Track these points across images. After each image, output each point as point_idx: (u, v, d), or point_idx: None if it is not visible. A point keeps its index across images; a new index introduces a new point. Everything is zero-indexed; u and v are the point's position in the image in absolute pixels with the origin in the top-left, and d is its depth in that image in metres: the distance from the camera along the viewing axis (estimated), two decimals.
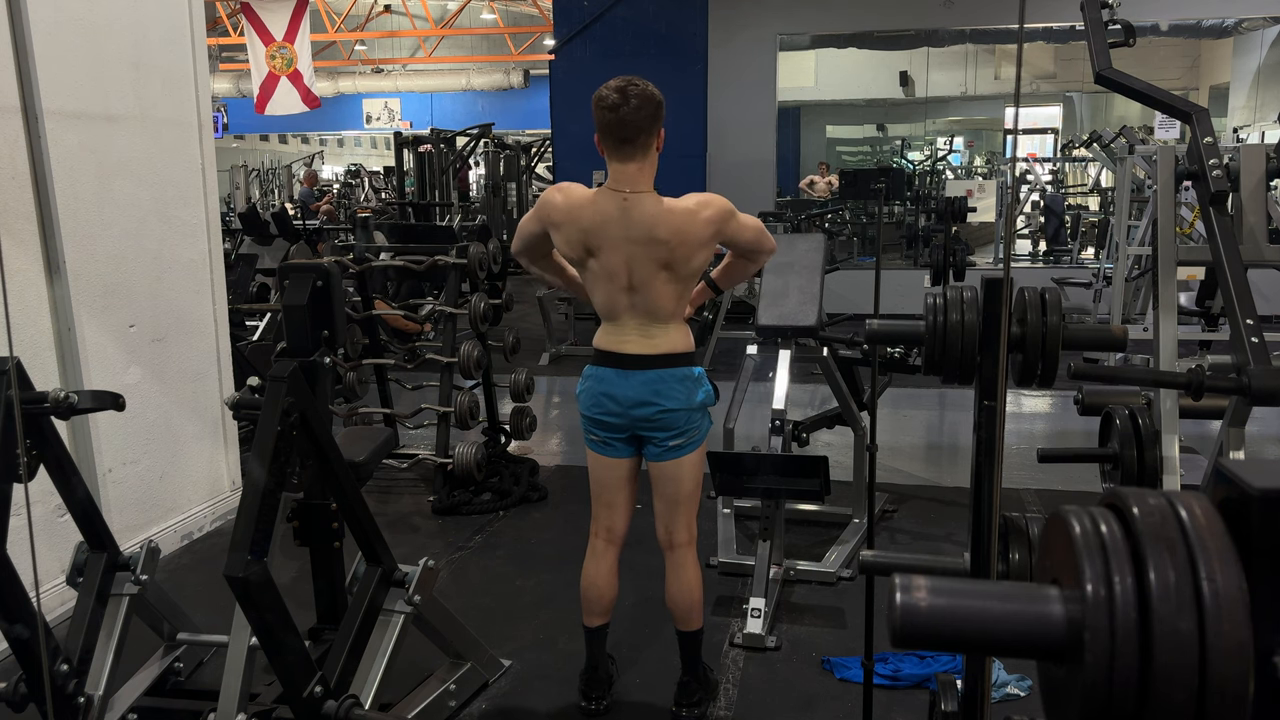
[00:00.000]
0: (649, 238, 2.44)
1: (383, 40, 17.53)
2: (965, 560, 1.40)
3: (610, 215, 2.46)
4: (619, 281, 2.51)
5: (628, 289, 2.51)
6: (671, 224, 2.44)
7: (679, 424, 2.59)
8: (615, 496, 2.72)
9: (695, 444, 2.63)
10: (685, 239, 2.45)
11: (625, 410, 2.57)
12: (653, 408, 2.55)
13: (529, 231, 2.65)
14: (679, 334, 2.59)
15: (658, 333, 2.56)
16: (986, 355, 1.30)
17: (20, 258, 3.26)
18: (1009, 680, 2.87)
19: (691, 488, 2.67)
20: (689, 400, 2.57)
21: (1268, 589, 0.52)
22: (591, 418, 2.64)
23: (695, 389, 2.59)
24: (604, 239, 2.48)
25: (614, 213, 2.45)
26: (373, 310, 4.98)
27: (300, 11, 11.88)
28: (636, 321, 2.56)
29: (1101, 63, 2.51)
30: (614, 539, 2.76)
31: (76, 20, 3.45)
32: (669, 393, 2.55)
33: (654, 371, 2.55)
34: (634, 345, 2.56)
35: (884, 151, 16.42)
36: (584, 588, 2.77)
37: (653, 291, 2.51)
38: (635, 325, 2.56)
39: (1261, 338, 2.09)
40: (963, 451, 5.43)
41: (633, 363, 2.56)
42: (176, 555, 3.90)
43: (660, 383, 2.55)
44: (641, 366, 2.55)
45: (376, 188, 19.12)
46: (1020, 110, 15.32)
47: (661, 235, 2.44)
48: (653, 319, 2.55)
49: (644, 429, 2.60)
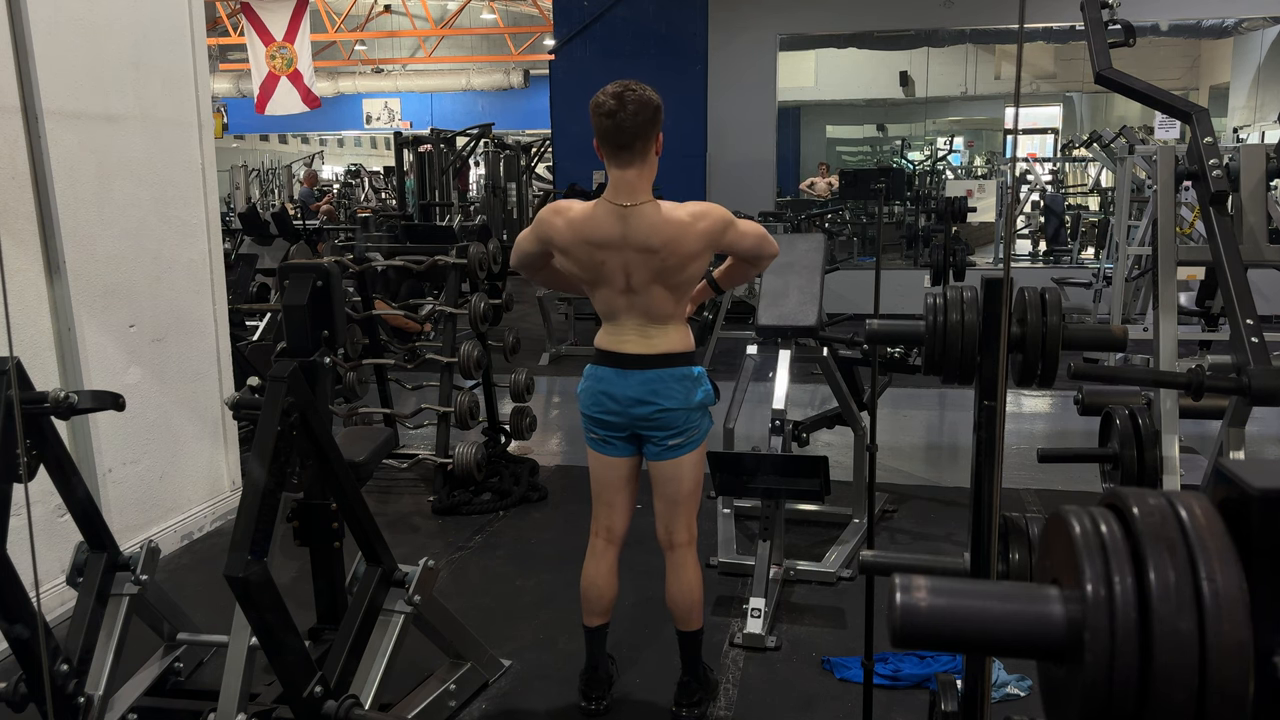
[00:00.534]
0: (645, 246, 2.45)
1: (383, 40, 17.54)
2: (965, 560, 1.40)
3: (611, 229, 2.47)
4: (617, 285, 2.52)
5: (626, 291, 2.52)
6: (665, 234, 2.44)
7: (678, 423, 2.59)
8: (615, 496, 2.72)
9: (694, 444, 2.63)
10: (677, 249, 2.45)
11: (624, 409, 2.58)
12: (651, 407, 2.55)
13: (527, 251, 2.66)
14: (678, 334, 2.59)
15: (656, 333, 2.56)
16: (986, 355, 1.30)
17: (20, 258, 3.26)
18: (1009, 680, 2.87)
19: (691, 487, 2.67)
20: (687, 400, 2.57)
21: (1268, 589, 0.52)
22: (591, 416, 2.64)
23: (694, 388, 2.59)
24: (606, 251, 2.50)
25: (614, 225, 2.47)
26: (373, 310, 4.98)
27: (300, 11, 11.88)
28: (635, 322, 2.56)
29: (1101, 63, 2.51)
30: (614, 538, 2.76)
31: (76, 20, 3.45)
32: (667, 392, 2.55)
33: (652, 371, 2.55)
34: (633, 345, 2.56)
35: (884, 151, 16.42)
36: (584, 587, 2.77)
37: (650, 295, 2.51)
38: (634, 326, 2.56)
39: (1261, 338, 2.09)
40: (963, 451, 5.42)
41: (631, 362, 2.56)
42: (176, 555, 3.90)
43: (658, 382, 2.55)
44: (640, 366, 2.56)
45: (376, 188, 19.14)
46: (1020, 110, 15.33)
47: (655, 244, 2.44)
48: (651, 320, 2.55)
49: (643, 428, 2.60)
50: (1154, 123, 10.31)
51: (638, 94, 2.41)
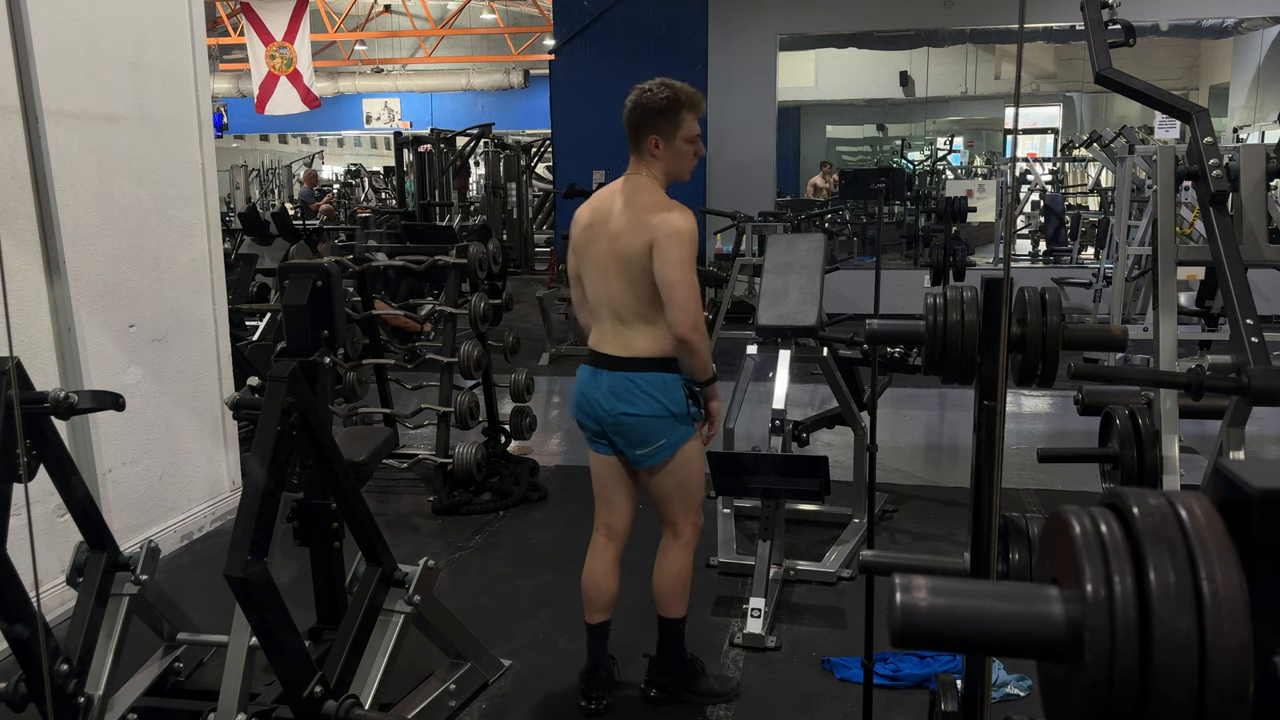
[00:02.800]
0: (612, 228, 2.50)
1: (383, 40, 17.52)
2: (965, 560, 1.40)
3: (600, 204, 2.56)
4: (597, 271, 2.56)
5: (604, 279, 2.55)
6: (626, 218, 2.48)
7: (644, 431, 2.51)
8: (612, 493, 2.72)
9: (663, 454, 2.54)
10: (631, 238, 2.46)
11: (594, 410, 2.56)
12: (615, 411, 2.52)
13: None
14: (652, 338, 2.50)
15: (629, 334, 2.52)
16: (986, 355, 1.30)
17: (20, 258, 3.26)
18: (1009, 680, 2.87)
19: (669, 493, 2.62)
20: (654, 408, 2.49)
21: (1268, 589, 0.52)
22: (576, 415, 2.66)
23: (666, 397, 2.50)
24: (591, 230, 2.56)
25: (604, 202, 2.55)
26: (373, 310, 4.98)
27: (300, 11, 11.88)
28: (611, 319, 2.55)
29: (1101, 63, 2.51)
30: (614, 535, 2.76)
31: (76, 20, 3.45)
32: (631, 397, 2.49)
33: (620, 374, 2.51)
34: (609, 345, 2.56)
35: (884, 151, 16.42)
36: (584, 584, 2.77)
37: (620, 287, 2.51)
38: (610, 323, 2.56)
39: (1261, 338, 2.09)
40: (963, 451, 5.42)
41: (605, 362, 2.55)
42: (176, 555, 3.90)
43: (623, 385, 2.50)
44: (611, 367, 2.54)
45: (376, 188, 19.13)
46: (1020, 110, 15.32)
47: (616, 228, 2.49)
48: (621, 319, 2.53)
49: (611, 431, 2.57)
50: (1154, 123, 10.31)
51: (642, 92, 2.52)
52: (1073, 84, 14.69)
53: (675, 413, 2.53)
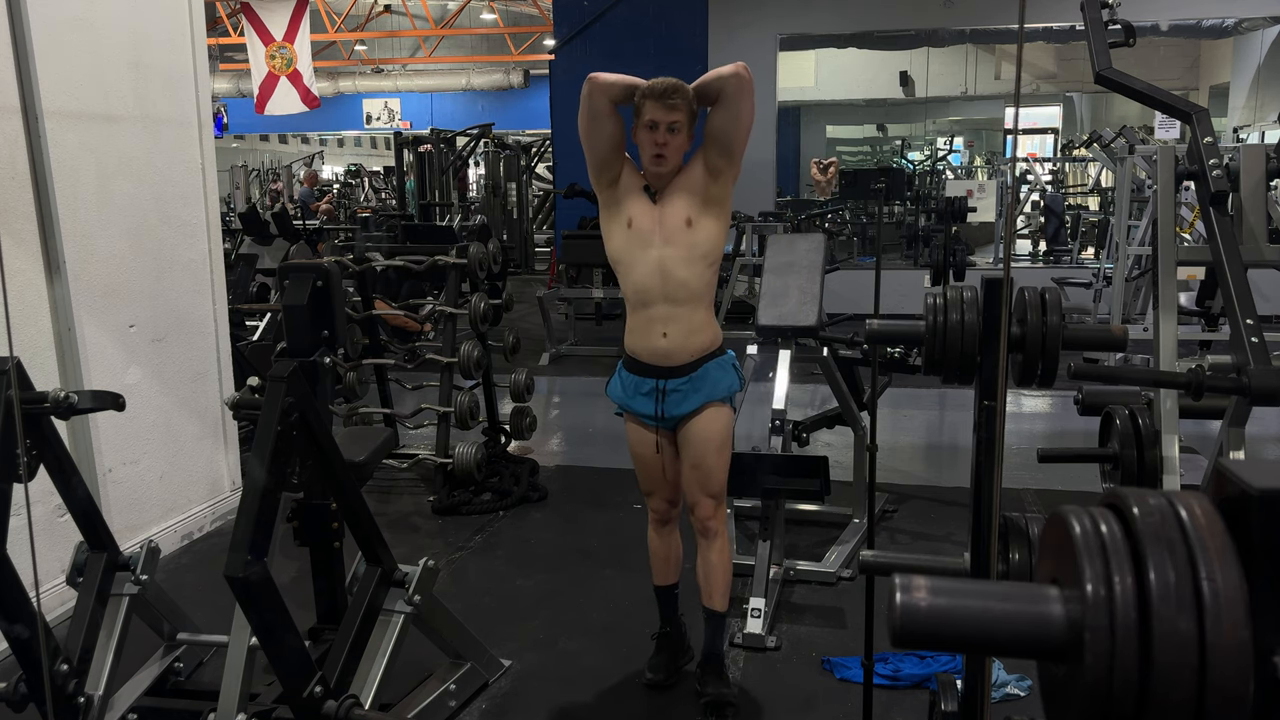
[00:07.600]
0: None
1: (383, 40, 17.53)
2: (965, 560, 1.40)
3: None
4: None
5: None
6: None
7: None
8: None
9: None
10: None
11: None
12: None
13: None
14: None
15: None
16: (986, 355, 1.30)
17: (20, 258, 3.26)
18: (1009, 680, 2.87)
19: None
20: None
21: (1268, 589, 0.52)
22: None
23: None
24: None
25: None
26: (373, 310, 4.99)
27: (300, 11, 11.88)
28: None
29: (1101, 63, 2.51)
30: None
31: (76, 20, 3.45)
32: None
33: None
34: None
35: (884, 151, 16.42)
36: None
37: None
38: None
39: (1261, 338, 2.09)
40: (963, 451, 5.42)
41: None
42: (176, 555, 3.90)
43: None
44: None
45: (376, 188, 19.13)
46: (1020, 110, 15.32)
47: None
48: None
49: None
50: (1154, 123, 10.31)
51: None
52: (1073, 84, 14.67)
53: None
